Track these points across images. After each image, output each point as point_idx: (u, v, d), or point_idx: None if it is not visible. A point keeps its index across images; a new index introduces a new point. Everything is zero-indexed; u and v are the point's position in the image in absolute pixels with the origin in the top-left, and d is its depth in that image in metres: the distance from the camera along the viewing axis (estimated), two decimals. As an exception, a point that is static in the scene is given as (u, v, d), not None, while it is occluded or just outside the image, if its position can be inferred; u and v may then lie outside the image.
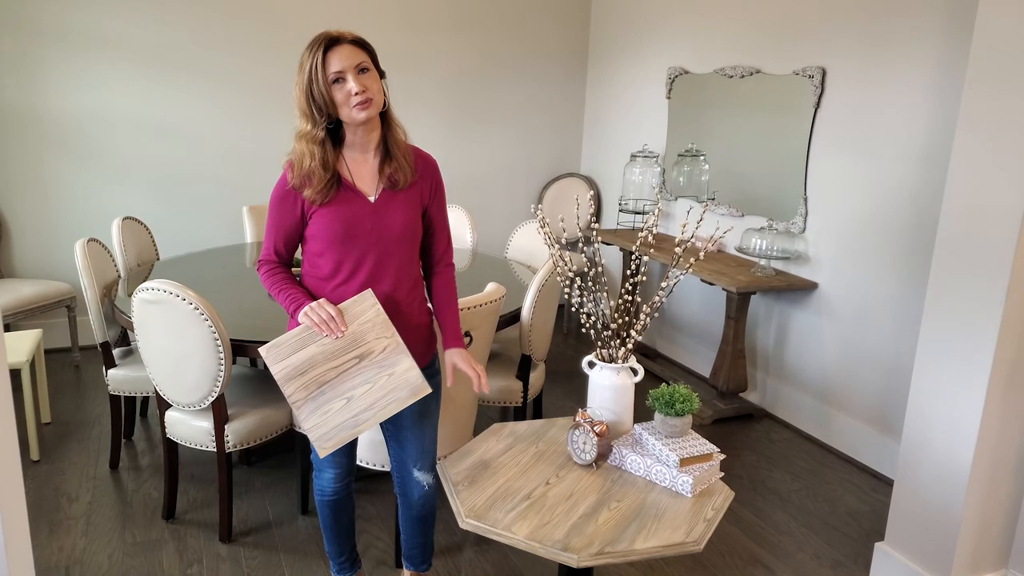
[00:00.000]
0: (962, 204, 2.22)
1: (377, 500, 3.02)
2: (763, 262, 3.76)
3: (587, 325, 2.04)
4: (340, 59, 1.79)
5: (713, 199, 4.36)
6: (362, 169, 1.92)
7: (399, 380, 1.82)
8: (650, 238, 2.03)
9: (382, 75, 1.88)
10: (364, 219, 1.89)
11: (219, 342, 2.47)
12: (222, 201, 4.68)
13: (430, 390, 1.86)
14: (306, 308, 1.84)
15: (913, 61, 3.15)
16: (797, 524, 3.01)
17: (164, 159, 4.54)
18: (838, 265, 3.59)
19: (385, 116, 1.92)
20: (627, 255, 4.50)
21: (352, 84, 1.78)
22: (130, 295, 2.74)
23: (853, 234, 3.50)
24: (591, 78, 5.51)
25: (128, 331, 3.21)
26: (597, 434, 1.88)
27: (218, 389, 2.54)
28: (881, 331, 3.40)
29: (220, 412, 2.60)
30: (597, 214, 5.47)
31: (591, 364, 2.05)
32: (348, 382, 1.81)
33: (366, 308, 1.84)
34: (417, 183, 1.96)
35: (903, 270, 3.28)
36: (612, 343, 2.01)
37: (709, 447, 1.86)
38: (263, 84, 4.61)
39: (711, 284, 3.84)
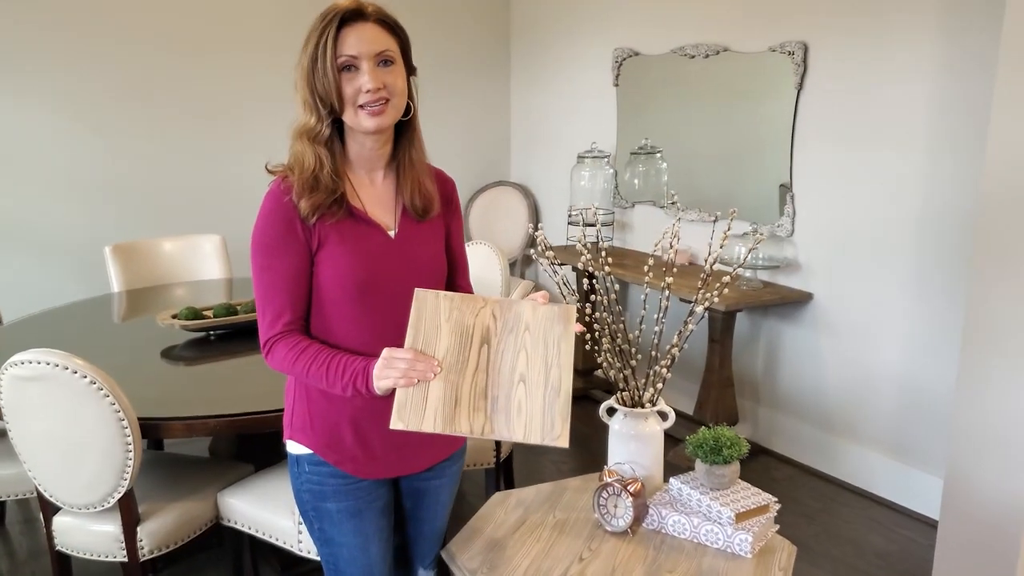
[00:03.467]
0: (1005, 197, 2.38)
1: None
2: (748, 273, 3.90)
3: (604, 365, 2.09)
4: (358, 40, 1.64)
5: (674, 203, 4.49)
6: (370, 193, 1.80)
7: (541, 324, 1.70)
8: (604, 247, 2.08)
9: (411, 72, 1.76)
10: (386, 260, 1.78)
11: (125, 423, 2.38)
12: (70, 243, 4.49)
13: (575, 307, 1.73)
14: (379, 373, 1.63)
15: (911, 33, 3.35)
16: (825, 574, 3.13)
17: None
18: (833, 271, 3.77)
19: (406, 127, 1.80)
20: (583, 275, 4.56)
21: (367, 78, 1.64)
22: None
23: (849, 235, 3.69)
24: (516, 64, 5.61)
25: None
26: (632, 494, 1.92)
27: (126, 482, 2.44)
28: (888, 344, 3.59)
29: (130, 511, 2.50)
30: (535, 228, 5.53)
31: (611, 411, 2.09)
32: (504, 368, 1.68)
33: (433, 307, 1.70)
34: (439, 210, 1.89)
35: (909, 272, 3.48)
36: (634, 384, 2.07)
37: (764, 496, 1.93)
38: (127, 89, 4.48)
39: (688, 302, 3.95)
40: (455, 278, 1.98)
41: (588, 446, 4.18)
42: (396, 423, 1.61)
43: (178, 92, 4.61)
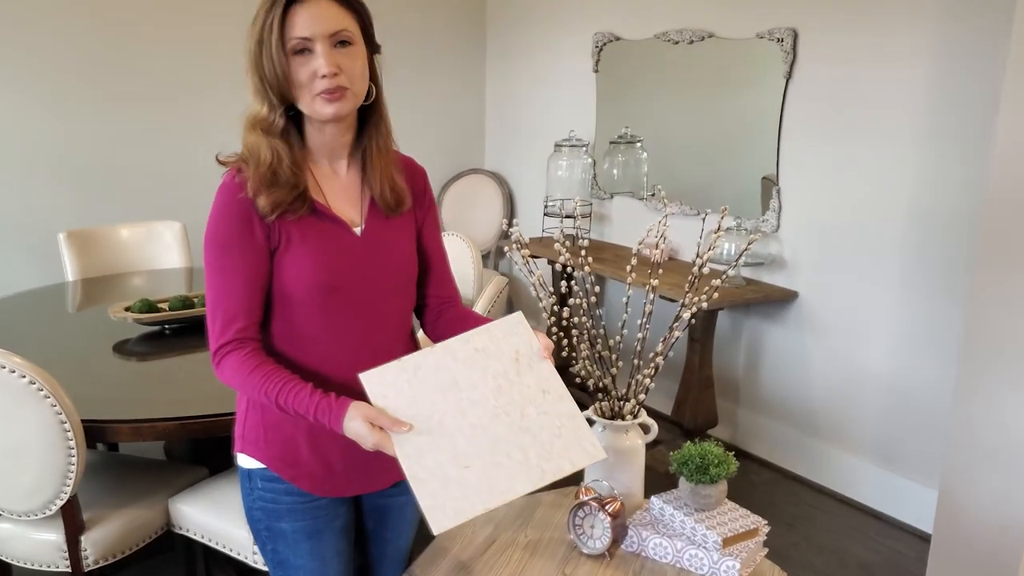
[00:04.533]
0: (1013, 198, 2.28)
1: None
2: (732, 271, 3.79)
3: (581, 373, 1.96)
4: (310, 19, 1.48)
5: (654, 195, 4.39)
6: (334, 185, 1.65)
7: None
8: (584, 245, 1.97)
9: (374, 50, 1.61)
10: (352, 260, 1.62)
11: (67, 425, 2.24)
12: (22, 229, 4.30)
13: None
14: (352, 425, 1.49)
15: (905, 19, 3.25)
16: (807, 588, 3.04)
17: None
18: (820, 268, 3.68)
19: (370, 111, 1.64)
20: (560, 276, 4.45)
21: (321, 61, 1.49)
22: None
23: (837, 231, 3.59)
24: (492, 48, 5.47)
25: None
26: (610, 514, 1.80)
27: (68, 489, 2.30)
28: (876, 345, 3.50)
29: (73, 519, 2.36)
30: (511, 218, 5.41)
31: (588, 423, 1.96)
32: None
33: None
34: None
35: (899, 271, 3.38)
36: (613, 395, 1.94)
37: (753, 519, 1.82)
38: (84, 65, 4.29)
39: (671, 301, 3.84)
40: (428, 279, 1.82)
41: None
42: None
43: (138, 69, 4.43)
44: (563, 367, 4.76)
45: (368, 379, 1.52)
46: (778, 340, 3.90)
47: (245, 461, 1.73)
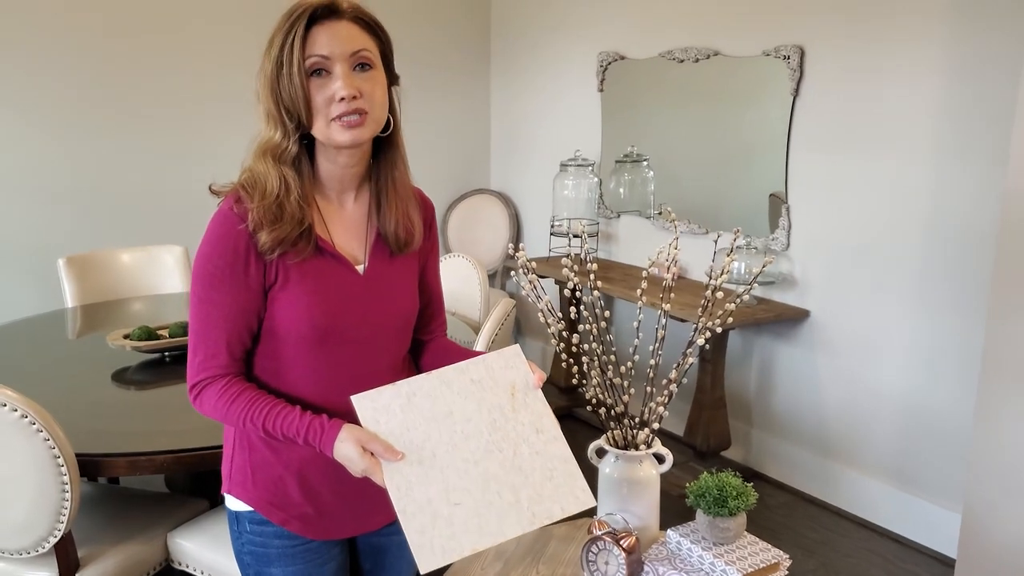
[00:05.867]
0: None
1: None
2: (747, 295, 3.72)
3: (592, 402, 1.88)
4: (329, 39, 1.40)
5: (661, 213, 4.32)
6: (338, 219, 1.56)
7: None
8: (593, 268, 1.88)
9: (393, 80, 1.53)
10: (352, 301, 1.53)
11: (60, 460, 2.16)
12: (22, 254, 4.24)
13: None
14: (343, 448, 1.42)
15: (913, 35, 3.18)
16: (827, 617, 2.94)
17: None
18: (832, 287, 3.59)
19: (386, 145, 1.56)
20: (569, 302, 4.39)
21: (340, 83, 1.40)
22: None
23: (848, 248, 3.51)
24: (496, 68, 5.42)
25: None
26: (625, 549, 1.71)
27: (63, 525, 2.22)
28: (890, 363, 3.41)
29: (67, 556, 2.28)
30: (517, 239, 5.35)
31: (600, 452, 1.88)
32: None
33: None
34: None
35: (913, 288, 3.30)
36: (625, 423, 1.86)
37: (774, 552, 1.73)
38: (84, 88, 4.24)
39: (682, 321, 3.76)
40: (422, 314, 1.73)
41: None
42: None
43: (138, 92, 4.37)
44: (571, 389, 4.69)
45: (360, 402, 1.45)
46: (790, 359, 3.81)
47: (233, 503, 1.65)
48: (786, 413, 3.87)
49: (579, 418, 4.51)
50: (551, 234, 4.64)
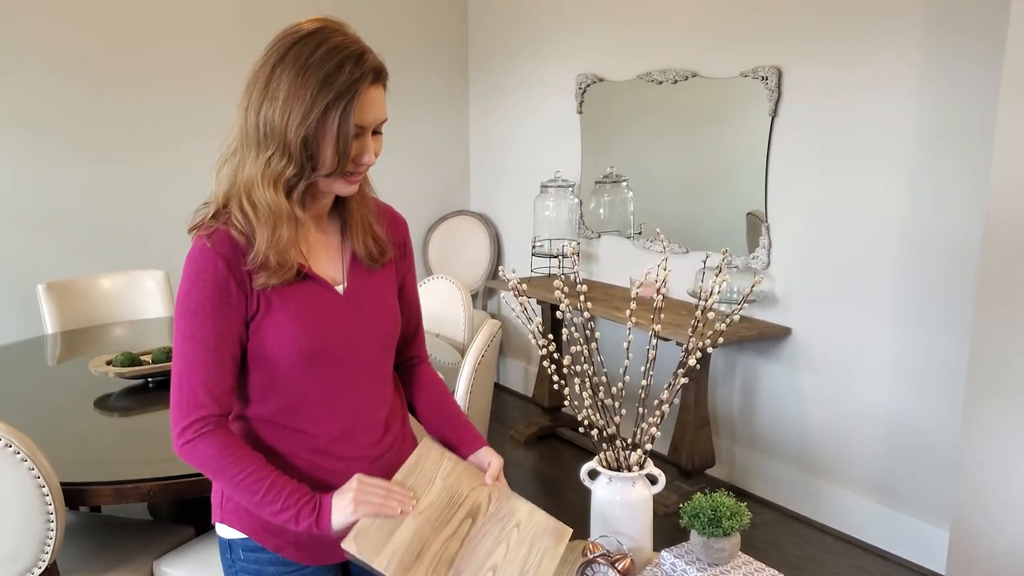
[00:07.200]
0: (1012, 230, 2.22)
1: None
2: (732, 309, 3.74)
3: (585, 424, 1.87)
4: (373, 108, 1.44)
5: (641, 233, 4.34)
6: (316, 241, 1.57)
7: (532, 529, 1.64)
8: (583, 290, 1.89)
9: None
10: (336, 322, 1.54)
11: (46, 489, 2.13)
12: (0, 280, 4.19)
13: (571, 531, 1.66)
14: (353, 496, 1.44)
15: (889, 54, 3.22)
16: (815, 634, 2.94)
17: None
18: (813, 304, 3.62)
19: None
20: (550, 309, 4.39)
21: (370, 152, 1.46)
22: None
23: (828, 266, 3.54)
24: (475, 90, 5.43)
25: None
26: (620, 572, 1.70)
27: (47, 555, 2.18)
28: (875, 380, 3.43)
29: (52, 588, 2.24)
30: (498, 260, 5.34)
31: (592, 474, 1.87)
32: (479, 549, 1.55)
33: (435, 461, 1.61)
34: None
35: (895, 304, 3.32)
36: (617, 444, 1.85)
37: (769, 573, 1.72)
38: (63, 114, 4.20)
39: (666, 340, 3.77)
40: (409, 336, 1.76)
41: (558, 492, 3.96)
42: (349, 544, 1.44)
43: (118, 118, 4.35)
44: (555, 409, 4.67)
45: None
46: (773, 377, 3.83)
47: (225, 531, 1.63)
48: (770, 430, 3.88)
49: (563, 438, 4.50)
50: (532, 255, 4.64)
